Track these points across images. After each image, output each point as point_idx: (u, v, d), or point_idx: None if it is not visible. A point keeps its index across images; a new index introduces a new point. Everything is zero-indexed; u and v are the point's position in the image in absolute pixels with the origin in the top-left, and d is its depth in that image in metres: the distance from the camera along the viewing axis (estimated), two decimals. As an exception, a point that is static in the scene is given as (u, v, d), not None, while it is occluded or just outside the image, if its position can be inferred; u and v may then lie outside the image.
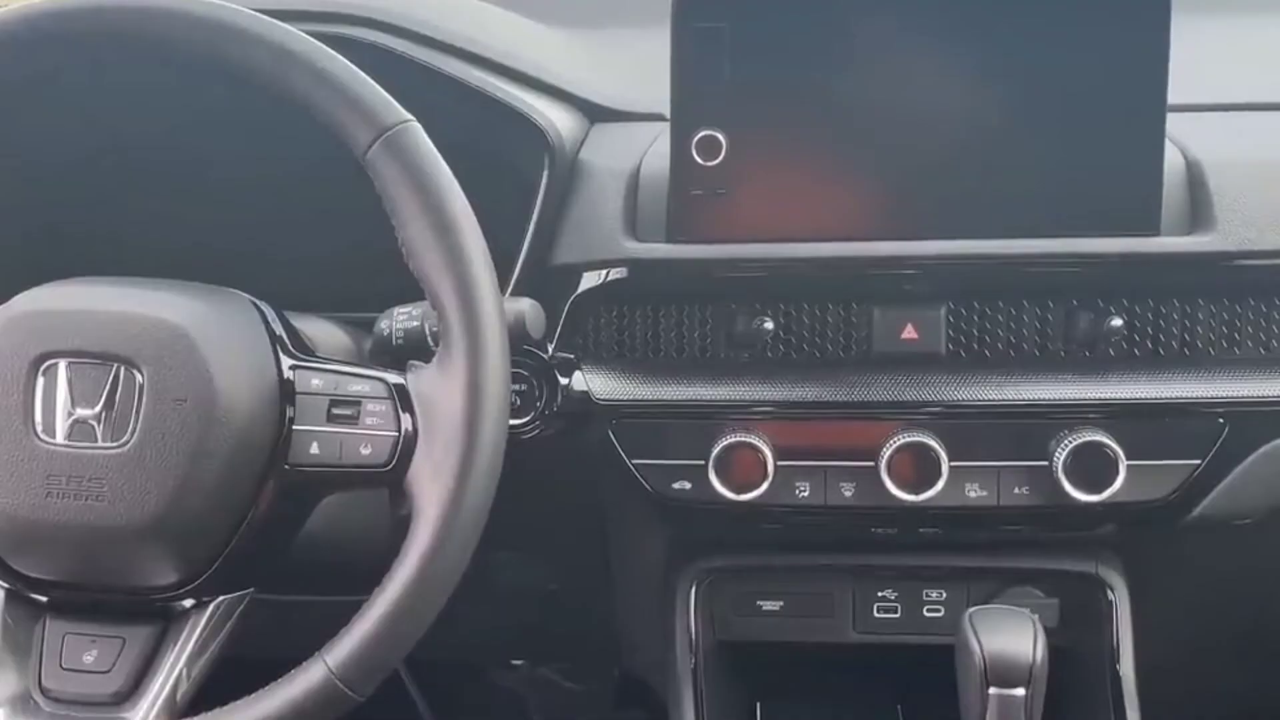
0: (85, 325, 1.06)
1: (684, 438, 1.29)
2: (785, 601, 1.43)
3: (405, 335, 1.17)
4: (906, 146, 1.24)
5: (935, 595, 1.42)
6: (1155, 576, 1.41)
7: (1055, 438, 1.26)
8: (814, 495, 1.29)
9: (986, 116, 1.23)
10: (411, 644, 1.03)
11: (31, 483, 1.04)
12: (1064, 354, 1.30)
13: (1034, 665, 1.16)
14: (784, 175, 1.26)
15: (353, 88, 1.04)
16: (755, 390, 1.30)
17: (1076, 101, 1.22)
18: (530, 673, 1.96)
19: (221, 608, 1.11)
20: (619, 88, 1.44)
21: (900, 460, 1.26)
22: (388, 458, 1.05)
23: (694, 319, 1.32)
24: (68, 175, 1.48)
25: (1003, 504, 1.28)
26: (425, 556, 1.00)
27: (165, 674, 1.08)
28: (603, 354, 1.33)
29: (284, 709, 1.02)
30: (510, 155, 1.33)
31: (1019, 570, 1.42)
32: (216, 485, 1.04)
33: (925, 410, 1.28)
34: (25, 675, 1.10)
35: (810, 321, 1.31)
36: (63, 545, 1.06)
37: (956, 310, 1.30)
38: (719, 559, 1.43)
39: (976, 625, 1.19)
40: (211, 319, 1.08)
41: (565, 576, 1.60)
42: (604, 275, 1.30)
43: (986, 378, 1.28)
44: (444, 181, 1.03)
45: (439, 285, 1.02)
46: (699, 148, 1.24)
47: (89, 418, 1.04)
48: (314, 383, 1.07)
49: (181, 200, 1.49)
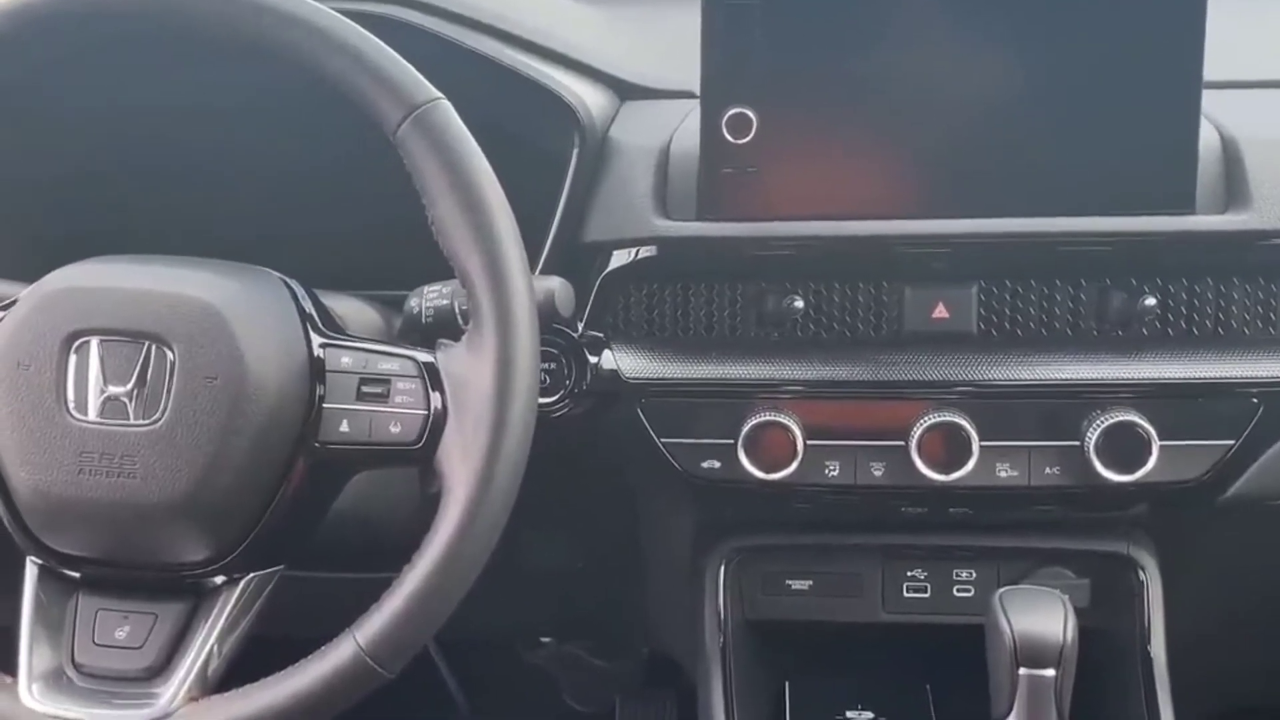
0: (117, 303, 1.06)
1: (713, 417, 1.29)
2: (814, 581, 1.43)
3: (435, 313, 1.17)
4: (939, 123, 1.23)
5: (965, 575, 1.42)
6: (1187, 557, 1.41)
7: (1087, 418, 1.25)
8: (844, 475, 1.28)
9: (1020, 93, 1.22)
10: (441, 622, 1.03)
11: (64, 460, 1.04)
12: (1097, 333, 1.29)
13: (1064, 646, 1.15)
14: (815, 153, 1.25)
15: (383, 65, 1.03)
16: (785, 369, 1.29)
17: (1111, 78, 1.21)
18: (558, 650, 1.96)
19: (252, 584, 1.11)
20: (649, 65, 1.43)
21: (931, 440, 1.25)
22: (417, 436, 1.05)
23: (724, 297, 1.32)
24: (101, 154, 1.48)
25: (1034, 484, 1.27)
26: (455, 535, 1.01)
27: (196, 650, 1.09)
28: (632, 332, 1.33)
29: (314, 686, 1.03)
30: (540, 133, 1.33)
31: (1049, 550, 1.41)
32: (247, 463, 1.05)
33: (956, 390, 1.27)
34: (58, 650, 1.10)
35: (841, 300, 1.31)
36: (95, 522, 1.07)
37: (988, 289, 1.29)
38: (748, 538, 1.43)
39: (1006, 605, 1.19)
40: (242, 297, 1.08)
41: (593, 555, 1.60)
42: (634, 253, 1.30)
43: (1018, 357, 1.28)
44: (474, 159, 1.03)
45: (469, 263, 1.02)
46: (729, 125, 1.23)
47: (121, 395, 1.04)
48: (344, 361, 1.08)
49: (213, 179, 1.49)
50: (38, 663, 1.09)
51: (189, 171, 1.49)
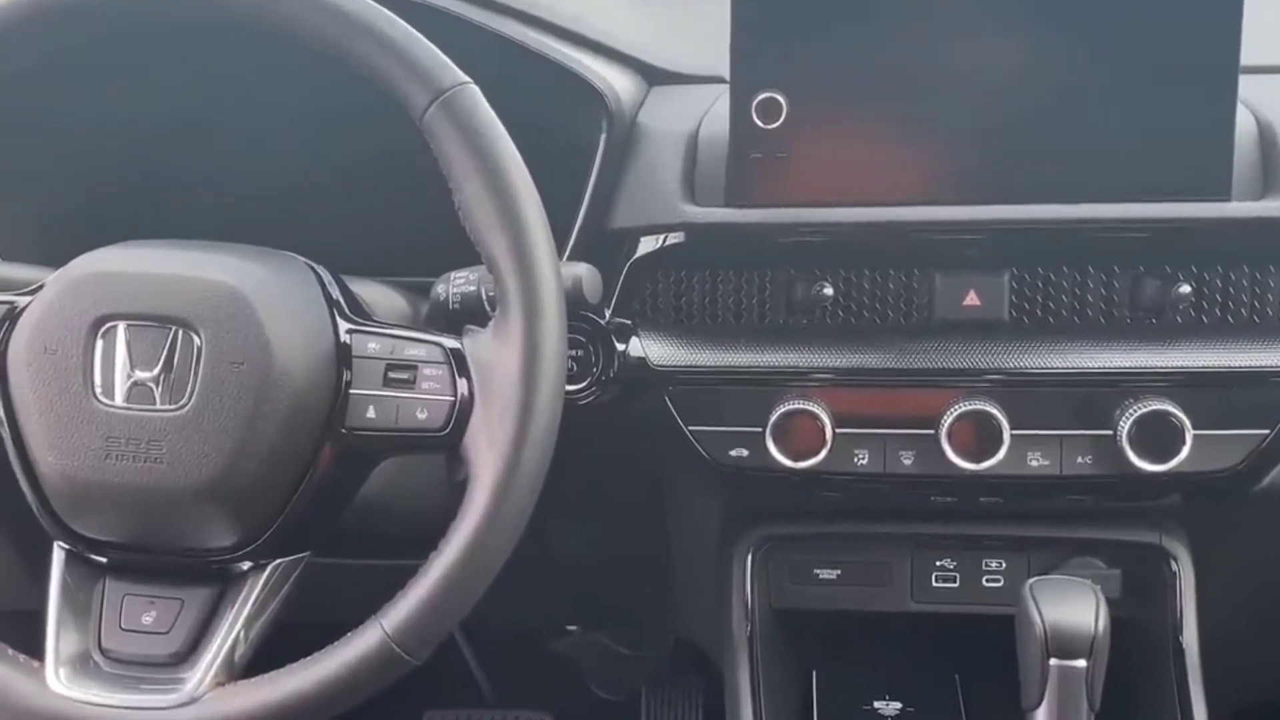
0: (144, 288, 1.06)
1: (741, 404, 1.28)
2: (842, 570, 1.42)
3: (462, 299, 1.17)
4: (971, 109, 1.22)
5: (995, 565, 1.41)
6: (1220, 547, 1.39)
7: (1120, 406, 1.24)
8: (873, 463, 1.27)
9: (1053, 78, 1.21)
10: (467, 609, 1.03)
11: (91, 444, 1.05)
12: (1130, 321, 1.28)
13: (1096, 637, 1.15)
14: (846, 138, 1.24)
15: (410, 50, 1.03)
16: (814, 357, 1.28)
17: (1146, 63, 1.19)
18: (584, 638, 1.96)
19: (279, 570, 1.11)
20: (677, 50, 1.43)
21: (961, 428, 1.24)
22: (444, 422, 1.05)
23: (752, 284, 1.31)
24: (126, 141, 1.49)
25: (1065, 473, 1.26)
26: (481, 522, 1.00)
27: (223, 635, 1.09)
28: (660, 319, 1.32)
29: (341, 672, 1.03)
30: (568, 118, 1.32)
31: (1080, 540, 1.40)
32: (273, 448, 1.05)
33: (987, 378, 1.26)
34: (85, 635, 1.11)
35: (871, 287, 1.30)
36: (121, 507, 1.07)
37: (1020, 276, 1.28)
38: (775, 527, 1.43)
39: (1037, 595, 1.18)
40: (269, 283, 1.08)
41: (620, 543, 1.60)
42: (662, 240, 1.29)
43: (1050, 345, 1.27)
44: (501, 144, 1.02)
45: (495, 249, 1.02)
46: (759, 110, 1.22)
47: (147, 380, 1.05)
48: (370, 346, 1.07)
49: (240, 164, 1.49)
50: (65, 647, 1.09)
51: (216, 157, 1.49)
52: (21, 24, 1.07)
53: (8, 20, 1.06)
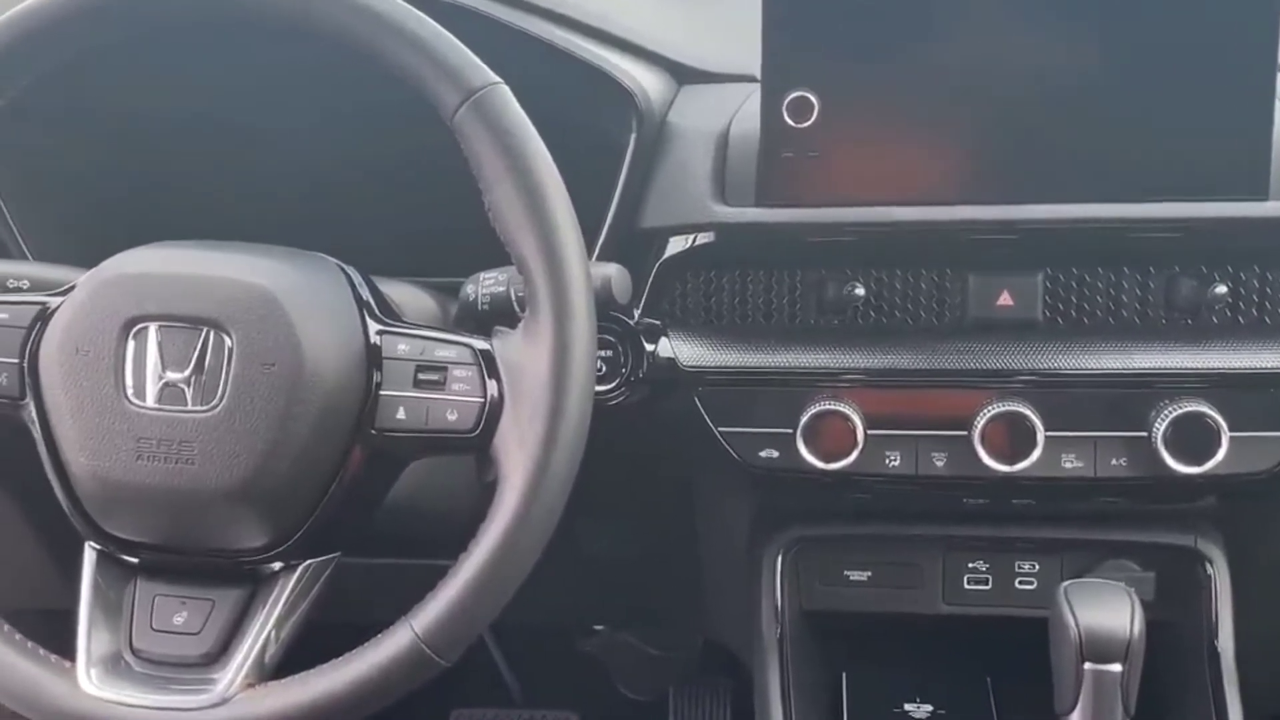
0: (175, 289, 1.06)
1: (772, 405, 1.28)
2: (873, 572, 1.42)
3: (491, 300, 1.16)
4: (1004, 107, 1.21)
5: (1027, 567, 1.40)
6: (1256, 550, 1.38)
7: (1155, 408, 1.23)
8: (905, 465, 1.27)
9: (1087, 76, 1.19)
10: (497, 610, 1.03)
11: (122, 445, 1.05)
12: (1165, 322, 1.27)
13: (1131, 640, 1.14)
14: (878, 137, 1.23)
15: (440, 50, 1.03)
16: (845, 357, 1.28)
17: (1182, 60, 1.18)
18: (612, 638, 1.96)
19: (309, 571, 1.11)
20: (708, 48, 1.42)
21: (994, 430, 1.23)
22: (474, 423, 1.04)
23: (783, 284, 1.30)
24: (158, 141, 1.49)
25: (1099, 475, 1.25)
26: (511, 523, 1.00)
27: (254, 636, 1.09)
28: (689, 319, 1.32)
29: (371, 674, 1.03)
30: (597, 118, 1.32)
31: (1114, 543, 1.39)
32: (304, 449, 1.05)
33: (1020, 379, 1.25)
34: (116, 636, 1.11)
35: (903, 287, 1.29)
36: (153, 507, 1.07)
37: (1054, 276, 1.27)
38: (806, 528, 1.42)
39: (1072, 599, 1.17)
40: (300, 284, 1.08)
41: (649, 543, 1.60)
42: (691, 240, 1.29)
43: (1084, 346, 1.26)
44: (531, 144, 1.02)
45: (525, 249, 1.02)
46: (790, 109, 1.22)
47: (179, 381, 1.05)
48: (400, 348, 1.07)
49: (271, 166, 1.49)
50: (96, 648, 1.09)
51: (246, 158, 1.49)
52: (58, 22, 1.07)
53: (45, 18, 1.07)
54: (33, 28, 1.07)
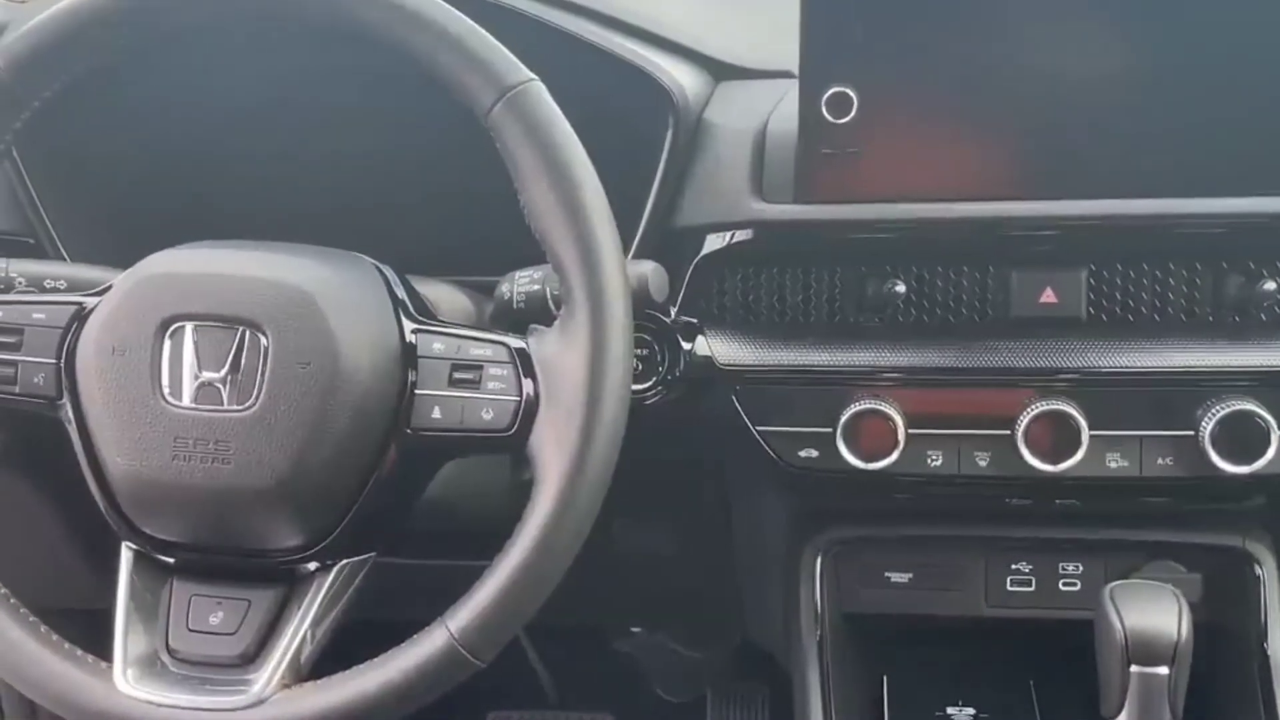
0: (211, 289, 1.06)
1: (811, 404, 1.27)
2: (914, 573, 1.41)
3: (527, 299, 1.16)
4: (1048, 101, 1.19)
5: (1071, 569, 1.38)
6: (1306, 552, 1.36)
7: (1202, 406, 1.22)
8: (947, 465, 1.25)
9: (1133, 70, 1.18)
10: (533, 611, 1.03)
11: (159, 445, 1.05)
12: (1212, 319, 1.25)
13: (1179, 643, 1.13)
14: (918, 132, 1.22)
15: (475, 47, 1.03)
16: (886, 356, 1.26)
17: (1227, 54, 1.16)
18: (649, 639, 1.95)
19: (345, 571, 1.11)
20: (745, 44, 1.41)
21: (1038, 429, 1.22)
22: (509, 423, 1.04)
23: (822, 282, 1.29)
24: (193, 142, 1.49)
25: (1145, 475, 1.24)
26: (548, 523, 1.00)
27: (290, 636, 1.09)
28: (727, 318, 1.31)
29: (408, 673, 1.02)
30: (634, 115, 1.31)
31: (1160, 543, 1.38)
32: (340, 449, 1.04)
33: (1064, 377, 1.24)
34: (153, 636, 1.11)
35: (944, 285, 1.28)
36: (189, 507, 1.07)
37: (1098, 273, 1.26)
38: (846, 529, 1.41)
39: (1118, 600, 1.16)
40: (335, 283, 1.08)
41: (686, 543, 1.59)
42: (729, 237, 1.28)
43: (1129, 343, 1.24)
44: (567, 142, 1.02)
45: (561, 247, 1.01)
46: (829, 105, 1.20)
47: (215, 380, 1.05)
48: (436, 347, 1.07)
49: (305, 164, 1.49)
50: (133, 648, 1.09)
51: (281, 157, 1.49)
52: (100, 24, 1.07)
53: (85, 19, 1.07)
54: (68, 30, 1.07)
